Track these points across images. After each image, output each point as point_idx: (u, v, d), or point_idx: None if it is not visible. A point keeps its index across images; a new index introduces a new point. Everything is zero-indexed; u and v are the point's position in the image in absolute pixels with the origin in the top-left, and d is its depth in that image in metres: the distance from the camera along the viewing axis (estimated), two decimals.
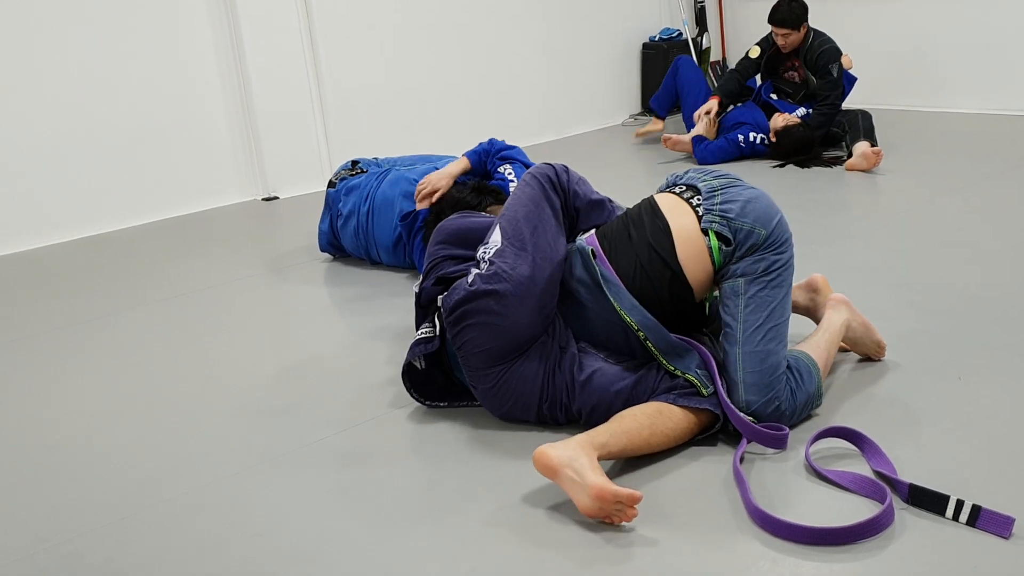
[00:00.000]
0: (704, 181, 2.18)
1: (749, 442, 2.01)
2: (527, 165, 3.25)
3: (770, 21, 4.83)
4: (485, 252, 2.16)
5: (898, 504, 1.76)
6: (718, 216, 2.09)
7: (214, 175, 4.84)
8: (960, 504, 1.71)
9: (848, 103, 4.95)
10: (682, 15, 6.54)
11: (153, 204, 4.63)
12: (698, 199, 2.15)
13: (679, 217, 2.14)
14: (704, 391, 2.04)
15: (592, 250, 2.17)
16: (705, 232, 2.09)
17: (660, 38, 6.49)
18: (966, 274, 2.99)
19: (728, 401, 2.02)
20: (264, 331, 3.12)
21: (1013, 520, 1.66)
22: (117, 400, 2.59)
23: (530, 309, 2.09)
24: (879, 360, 2.38)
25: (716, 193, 2.13)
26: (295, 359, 2.79)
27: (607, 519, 1.78)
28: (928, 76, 5.82)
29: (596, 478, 1.76)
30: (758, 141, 4.90)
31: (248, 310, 3.32)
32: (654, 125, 5.59)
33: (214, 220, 4.63)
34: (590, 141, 5.89)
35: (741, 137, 4.91)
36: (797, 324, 2.37)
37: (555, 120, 6.06)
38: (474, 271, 2.13)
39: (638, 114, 6.57)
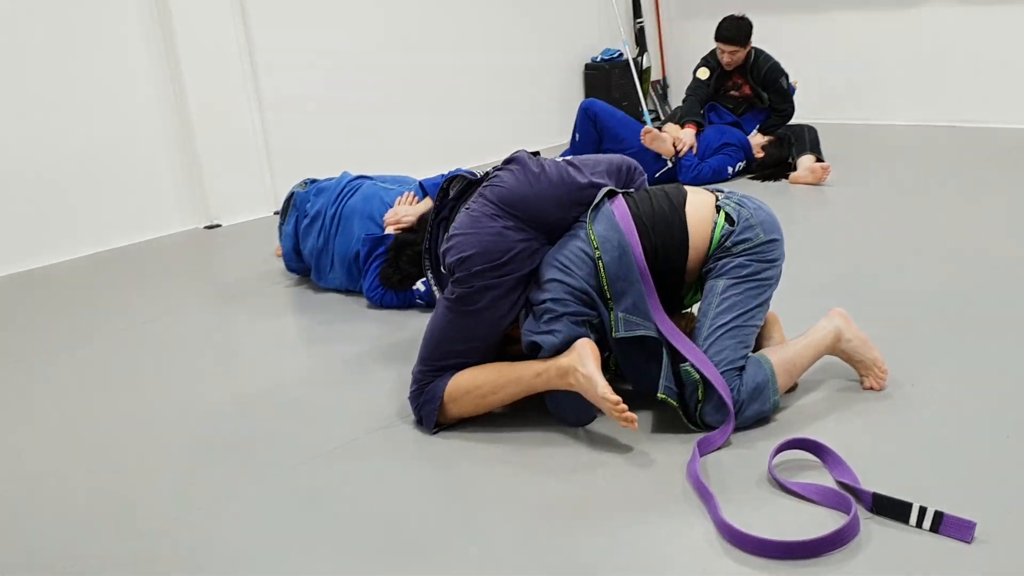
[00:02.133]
0: (723, 191, 2.33)
1: (703, 455, 2.01)
2: None
3: (717, 38, 4.89)
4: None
5: (863, 514, 1.77)
6: (734, 202, 2.24)
7: (154, 204, 4.73)
8: (923, 511, 1.72)
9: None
10: (622, 36, 6.61)
11: (92, 235, 4.51)
12: (718, 195, 2.30)
13: (699, 193, 2.30)
14: (613, 331, 2.14)
15: (610, 190, 2.30)
16: (718, 210, 2.22)
17: (602, 59, 6.55)
18: (919, 282, 3.04)
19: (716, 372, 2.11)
20: (213, 363, 3.04)
21: (974, 525, 1.67)
22: (58, 441, 2.49)
23: (549, 193, 2.25)
24: (880, 389, 2.27)
25: (735, 194, 2.30)
26: (247, 391, 2.71)
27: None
28: (866, 90, 5.95)
29: (602, 387, 2.03)
30: (739, 168, 4.91)
31: (195, 342, 3.22)
32: None
33: (156, 250, 4.52)
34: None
35: (730, 169, 4.86)
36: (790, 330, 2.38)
37: (500, 141, 6.01)
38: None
39: None
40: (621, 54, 6.58)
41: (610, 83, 6.45)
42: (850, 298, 2.93)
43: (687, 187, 2.34)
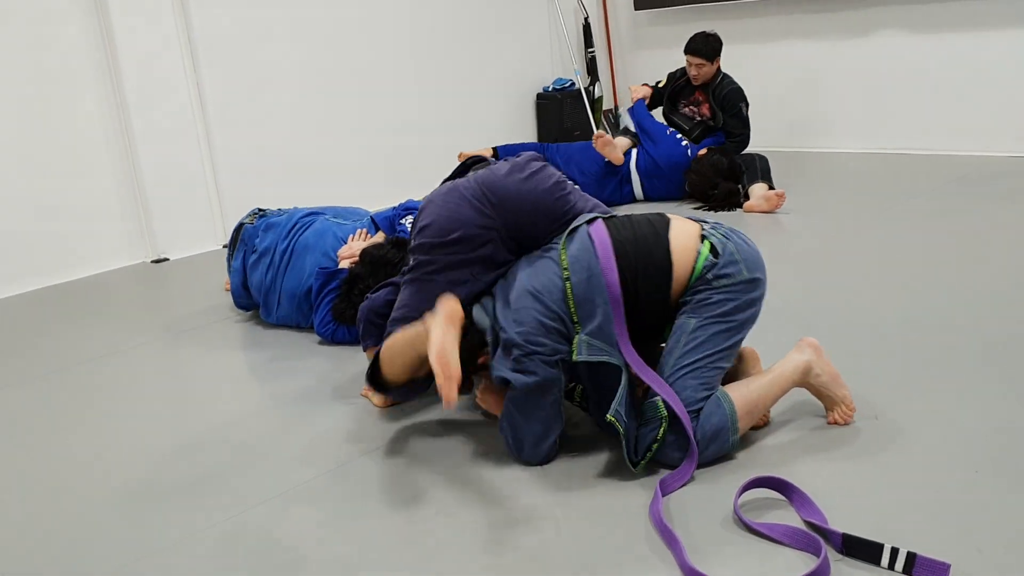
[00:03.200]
0: (713, 223, 2.27)
1: (665, 494, 1.96)
2: None
3: (686, 51, 4.98)
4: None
5: (833, 555, 1.72)
6: (720, 233, 2.18)
7: (99, 238, 4.60)
8: (895, 552, 1.68)
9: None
10: (574, 65, 6.63)
11: (32, 271, 4.36)
12: (705, 223, 2.24)
13: (684, 221, 2.23)
14: (574, 354, 2.08)
15: (593, 219, 2.25)
16: (703, 240, 2.15)
17: (553, 88, 6.55)
18: (877, 310, 3.03)
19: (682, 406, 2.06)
20: (160, 403, 2.90)
21: (948, 567, 1.63)
22: None
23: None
24: (845, 424, 2.23)
25: (721, 226, 2.23)
26: (195, 431, 2.60)
27: None
28: (817, 118, 6.02)
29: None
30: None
31: (141, 381, 3.10)
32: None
33: (100, 286, 4.38)
34: None
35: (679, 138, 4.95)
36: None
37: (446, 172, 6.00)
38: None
39: None
40: (573, 83, 6.59)
41: (562, 112, 6.45)
42: (807, 326, 2.92)
43: (671, 215, 2.28)
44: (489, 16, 6.22)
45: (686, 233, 2.18)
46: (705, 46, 4.93)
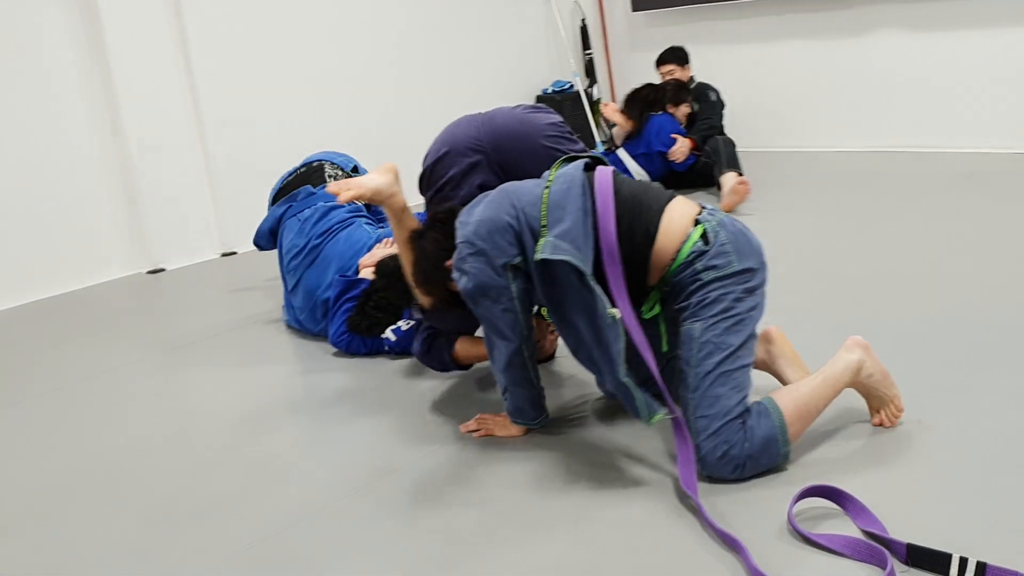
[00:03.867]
0: (709, 207, 2.19)
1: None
2: None
3: (657, 64, 5.34)
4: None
5: (898, 567, 1.64)
6: (716, 222, 2.08)
7: (93, 248, 4.48)
8: (964, 562, 1.59)
9: None
10: (572, 67, 6.55)
11: (27, 283, 4.24)
12: (703, 208, 2.15)
13: (685, 202, 2.15)
14: (538, 252, 2.02)
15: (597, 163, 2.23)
16: (696, 223, 2.07)
17: (553, 90, 6.48)
18: (895, 309, 2.95)
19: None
20: (167, 422, 2.78)
21: (1022, 575, 1.55)
22: None
23: None
24: (891, 426, 2.14)
25: (719, 212, 2.14)
26: (208, 452, 2.50)
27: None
28: (813, 117, 5.96)
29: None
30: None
31: (144, 399, 2.98)
32: None
33: (96, 298, 4.27)
34: None
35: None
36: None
37: None
38: None
39: None
40: (572, 85, 6.51)
41: (562, 114, 6.29)
42: (828, 328, 2.84)
43: (678, 193, 2.20)
44: (486, 18, 6.14)
45: (681, 212, 2.10)
46: (672, 54, 5.31)
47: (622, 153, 5.09)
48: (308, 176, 3.57)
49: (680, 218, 2.08)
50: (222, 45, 4.75)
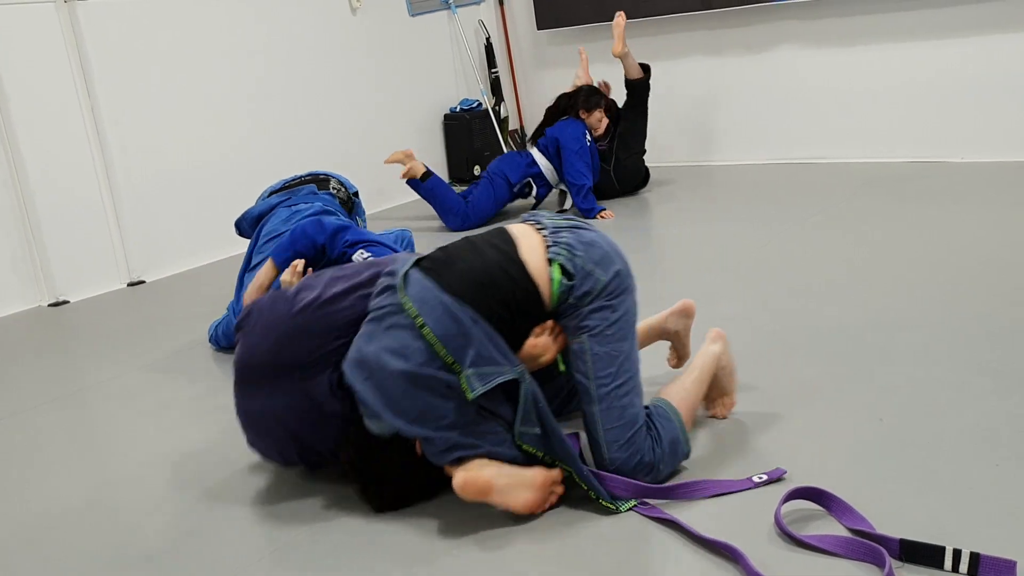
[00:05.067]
0: (549, 219, 2.12)
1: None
2: (386, 245, 2.96)
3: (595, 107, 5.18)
4: None
5: (893, 563, 1.65)
6: (564, 249, 2.00)
7: None
8: (957, 554, 1.61)
9: None
10: (479, 86, 6.54)
11: None
12: (545, 232, 2.06)
13: (527, 236, 2.05)
14: (468, 392, 1.86)
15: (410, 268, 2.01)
16: (550, 262, 1.99)
17: (461, 109, 6.44)
18: (830, 313, 3.02)
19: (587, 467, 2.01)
20: (92, 464, 2.58)
21: (1015, 564, 1.58)
22: None
23: None
24: (724, 418, 2.33)
25: (562, 230, 2.06)
26: (155, 492, 2.33)
27: (547, 505, 1.96)
28: (719, 131, 6.11)
29: (530, 470, 1.93)
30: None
31: (52, 443, 2.75)
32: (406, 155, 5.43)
33: None
34: (399, 215, 5.68)
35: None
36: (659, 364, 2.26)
37: (361, 195, 5.80)
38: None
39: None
40: (479, 104, 6.50)
41: (471, 132, 6.34)
42: (765, 335, 2.89)
43: (510, 227, 2.10)
44: (391, 37, 6.07)
45: (535, 252, 2.00)
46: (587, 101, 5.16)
47: (535, 151, 5.10)
48: (314, 182, 3.61)
49: (538, 260, 1.99)
50: (123, 68, 4.53)
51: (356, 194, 3.74)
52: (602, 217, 4.92)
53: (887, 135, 5.45)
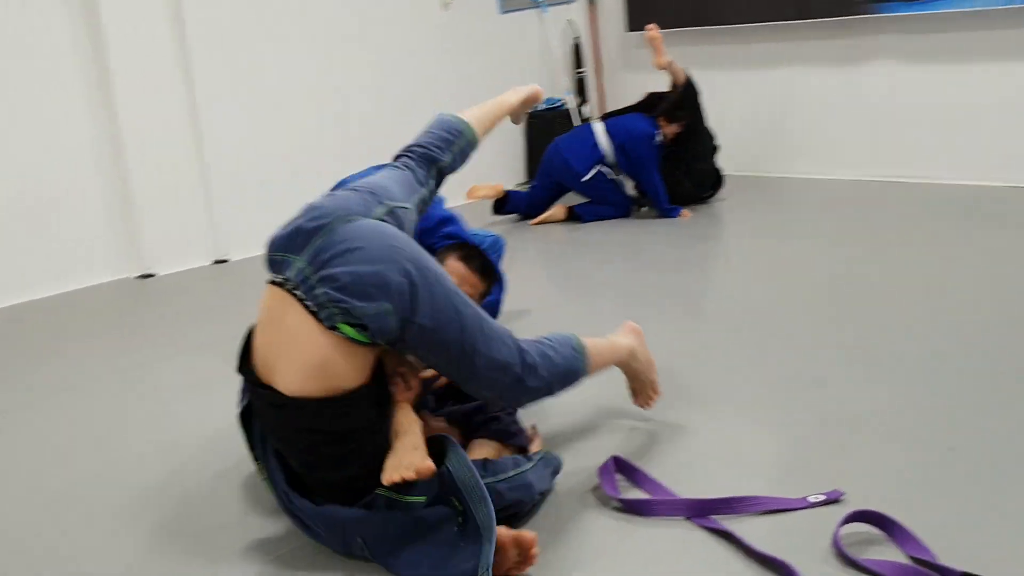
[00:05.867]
0: (296, 245, 1.78)
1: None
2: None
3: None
4: None
5: None
6: (332, 307, 1.70)
7: (83, 251, 4.38)
8: None
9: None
10: (565, 85, 6.55)
11: (14, 283, 4.13)
12: (299, 293, 1.74)
13: (289, 326, 1.75)
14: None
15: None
16: (333, 328, 1.71)
17: (544, 107, 6.47)
18: (902, 338, 2.96)
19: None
20: (145, 447, 2.61)
21: None
22: None
23: None
24: (649, 408, 2.37)
25: (310, 276, 1.74)
26: (190, 478, 2.38)
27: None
28: (810, 144, 6.00)
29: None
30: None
31: (122, 417, 2.82)
32: (493, 190, 5.53)
33: (82, 302, 4.15)
34: (475, 211, 5.73)
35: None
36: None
37: (444, 188, 5.88)
38: None
39: (523, 184, 6.51)
40: (563, 103, 6.51)
41: (552, 131, 6.33)
42: (844, 358, 2.84)
43: (259, 329, 1.87)
44: (480, 34, 6.13)
45: (310, 341, 1.72)
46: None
47: (599, 129, 5.20)
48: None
49: (309, 348, 1.77)
50: (223, 53, 4.67)
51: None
52: (683, 216, 5.01)
53: (982, 157, 5.29)
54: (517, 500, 1.92)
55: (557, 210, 5.24)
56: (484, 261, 2.65)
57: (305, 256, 1.76)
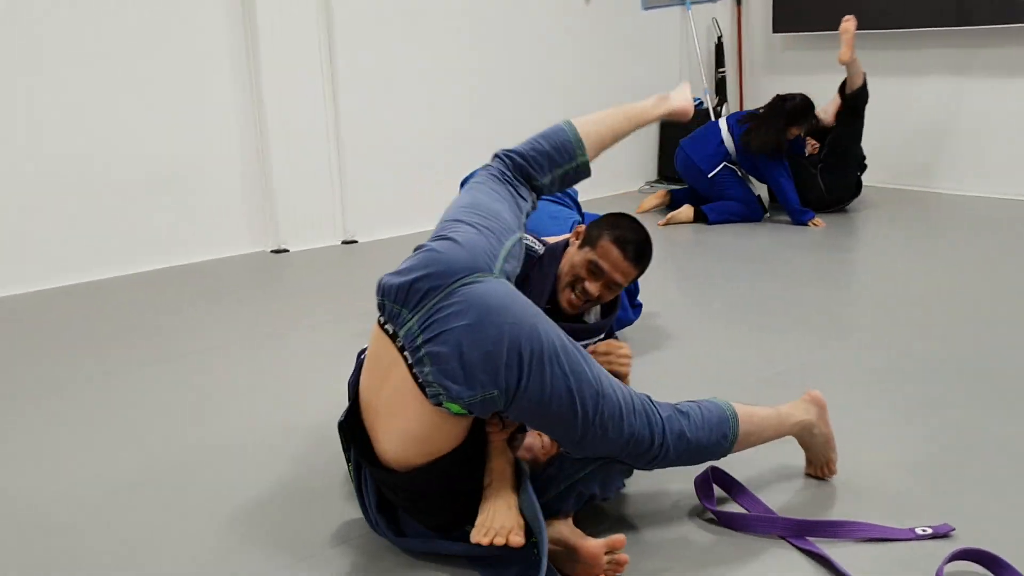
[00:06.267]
0: (410, 301, 1.69)
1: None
2: None
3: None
4: None
5: None
6: (436, 387, 1.64)
7: (222, 223, 4.60)
8: None
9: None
10: (704, 84, 6.44)
11: (154, 250, 4.37)
12: (402, 343, 1.69)
13: (388, 381, 1.73)
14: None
15: None
16: (436, 401, 1.66)
17: None
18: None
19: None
20: (264, 408, 2.73)
21: None
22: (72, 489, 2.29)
23: None
24: (823, 479, 2.12)
25: (419, 335, 1.66)
26: (299, 448, 2.43)
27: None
28: (929, 155, 5.70)
29: (581, 541, 1.74)
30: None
31: (244, 381, 2.94)
32: (659, 198, 5.50)
33: (218, 272, 4.36)
34: (605, 206, 5.69)
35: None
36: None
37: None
38: None
39: (654, 181, 6.44)
40: (701, 102, 6.39)
41: (688, 131, 6.25)
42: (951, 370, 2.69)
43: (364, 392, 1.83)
44: (620, 29, 6.09)
45: (408, 412, 1.70)
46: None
47: (723, 127, 5.19)
48: None
49: (420, 430, 1.76)
50: (365, 37, 4.81)
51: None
52: (814, 225, 4.84)
53: None
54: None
55: (684, 210, 5.16)
56: (639, 247, 2.31)
57: (417, 318, 1.66)
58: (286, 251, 4.70)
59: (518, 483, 1.77)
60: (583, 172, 2.19)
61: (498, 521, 1.69)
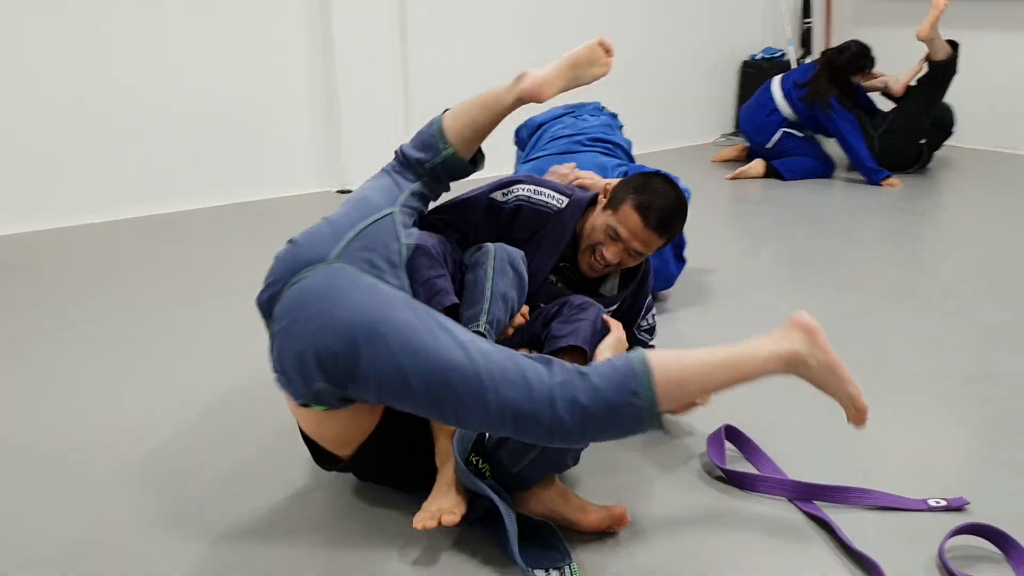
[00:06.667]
0: (268, 317, 1.68)
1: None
2: None
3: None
4: None
5: None
6: (284, 390, 1.64)
7: (292, 162, 4.69)
8: None
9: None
10: (787, 35, 6.22)
11: (222, 185, 4.49)
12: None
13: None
14: None
15: None
16: (306, 406, 1.66)
17: (762, 57, 6.18)
18: None
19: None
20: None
21: None
22: (144, 416, 2.40)
23: None
24: (860, 425, 1.63)
25: (272, 346, 1.65)
26: None
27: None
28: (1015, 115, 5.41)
29: (580, 516, 1.75)
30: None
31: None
32: (736, 151, 5.39)
33: (285, 209, 4.47)
34: (677, 158, 5.61)
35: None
36: None
37: (644, 132, 5.77)
38: None
39: (731, 133, 6.29)
40: (783, 54, 6.19)
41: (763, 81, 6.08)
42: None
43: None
44: None
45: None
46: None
47: (776, 88, 5.06)
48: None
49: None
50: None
51: (621, 128, 3.73)
52: (889, 185, 4.67)
53: None
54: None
55: (755, 165, 5.03)
56: (663, 214, 2.11)
57: (270, 329, 1.67)
58: (351, 192, 4.77)
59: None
60: (452, 165, 2.02)
61: (435, 504, 1.69)
